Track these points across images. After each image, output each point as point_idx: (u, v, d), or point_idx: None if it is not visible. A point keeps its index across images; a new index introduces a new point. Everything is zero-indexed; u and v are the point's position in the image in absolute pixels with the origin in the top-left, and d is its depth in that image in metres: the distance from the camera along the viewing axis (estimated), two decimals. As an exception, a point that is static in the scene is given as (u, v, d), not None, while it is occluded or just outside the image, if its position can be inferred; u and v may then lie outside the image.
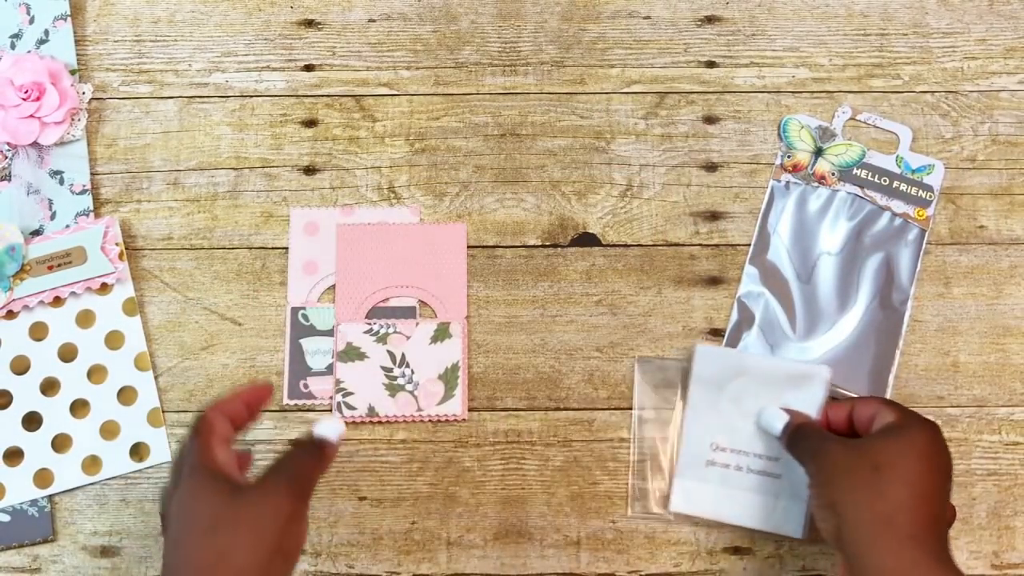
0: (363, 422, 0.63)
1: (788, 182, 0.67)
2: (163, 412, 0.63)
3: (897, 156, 0.67)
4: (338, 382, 0.63)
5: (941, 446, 0.51)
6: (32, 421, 0.63)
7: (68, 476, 0.62)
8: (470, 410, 0.64)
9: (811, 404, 0.58)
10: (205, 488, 0.47)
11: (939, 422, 0.63)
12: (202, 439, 0.49)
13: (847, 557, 0.48)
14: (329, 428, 0.51)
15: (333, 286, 0.65)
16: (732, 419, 0.60)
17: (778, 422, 0.56)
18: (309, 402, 0.63)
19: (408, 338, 0.64)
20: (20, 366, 0.63)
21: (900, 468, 0.48)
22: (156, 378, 0.64)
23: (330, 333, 0.64)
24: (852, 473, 0.49)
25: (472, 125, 0.68)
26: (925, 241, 0.66)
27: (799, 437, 0.55)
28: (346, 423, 0.63)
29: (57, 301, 0.64)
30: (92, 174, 0.67)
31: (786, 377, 0.59)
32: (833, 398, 0.61)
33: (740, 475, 0.59)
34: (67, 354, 0.64)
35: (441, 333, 0.64)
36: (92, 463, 0.62)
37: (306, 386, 0.64)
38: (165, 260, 0.66)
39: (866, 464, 0.48)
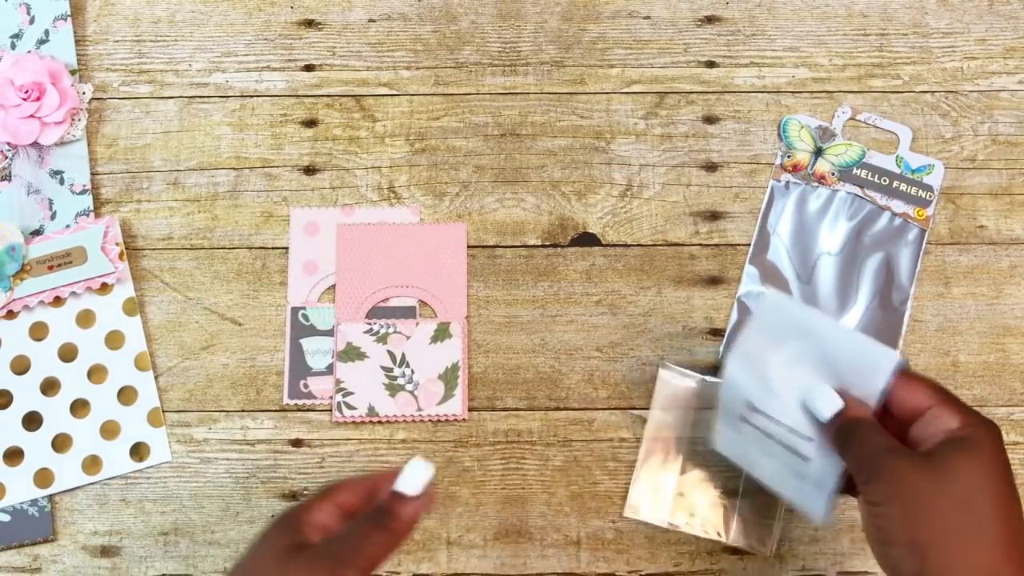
0: (363, 422, 0.63)
1: (788, 182, 0.67)
2: (163, 412, 0.63)
3: (897, 156, 0.67)
4: (338, 382, 0.63)
5: (1006, 454, 0.44)
6: (32, 421, 0.63)
7: (68, 476, 0.62)
8: (470, 410, 0.64)
9: (871, 392, 0.49)
10: (274, 536, 0.44)
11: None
12: (318, 495, 0.46)
13: None
14: (413, 477, 0.44)
15: (333, 286, 0.65)
16: (775, 382, 0.51)
17: (826, 407, 0.48)
18: (309, 402, 0.63)
19: (408, 338, 0.64)
20: (20, 366, 0.63)
21: (993, 502, 0.41)
22: (156, 378, 0.64)
23: (330, 333, 0.64)
24: (940, 512, 0.41)
25: (472, 125, 0.68)
26: (925, 241, 0.66)
27: (853, 436, 0.46)
28: (347, 423, 0.63)
29: (57, 301, 0.64)
30: (92, 174, 0.67)
31: (850, 353, 0.50)
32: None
33: (770, 443, 0.52)
34: (67, 354, 0.64)
35: (441, 333, 0.64)
36: (92, 463, 0.62)
37: (306, 386, 0.64)
38: (165, 260, 0.66)
39: (954, 498, 0.41)
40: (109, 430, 0.63)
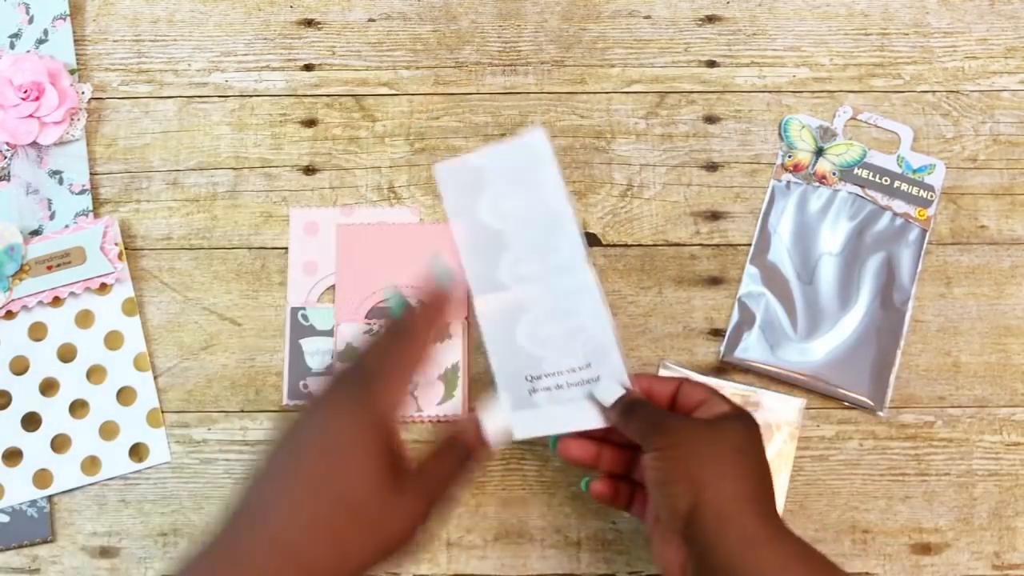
0: (363, 422, 0.63)
1: (789, 182, 0.67)
2: (162, 412, 0.63)
3: (898, 156, 0.67)
4: (338, 382, 0.63)
5: (760, 433, 0.52)
6: (31, 421, 0.63)
7: (67, 476, 0.62)
8: (470, 410, 0.63)
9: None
10: (370, 448, 0.45)
11: (940, 423, 0.63)
12: (389, 366, 0.48)
13: (698, 534, 0.47)
14: (500, 433, 0.50)
15: (333, 286, 0.65)
16: (534, 352, 0.54)
17: (610, 395, 0.52)
18: (309, 402, 0.63)
19: (408, 338, 0.64)
20: (19, 366, 0.63)
21: (757, 453, 0.50)
22: (155, 378, 0.64)
23: (330, 333, 0.64)
24: (716, 452, 0.49)
25: (472, 125, 0.68)
26: (926, 241, 0.65)
27: (637, 409, 0.51)
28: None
29: (56, 301, 0.64)
30: (91, 174, 0.67)
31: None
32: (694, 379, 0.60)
33: (565, 391, 0.54)
34: (66, 354, 0.64)
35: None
36: (91, 463, 0.62)
37: (306, 386, 0.64)
38: (164, 260, 0.66)
39: (728, 445, 0.49)
40: (108, 431, 0.63)
